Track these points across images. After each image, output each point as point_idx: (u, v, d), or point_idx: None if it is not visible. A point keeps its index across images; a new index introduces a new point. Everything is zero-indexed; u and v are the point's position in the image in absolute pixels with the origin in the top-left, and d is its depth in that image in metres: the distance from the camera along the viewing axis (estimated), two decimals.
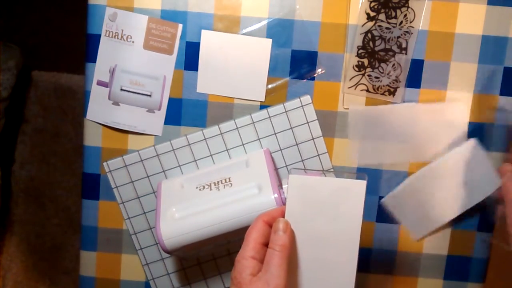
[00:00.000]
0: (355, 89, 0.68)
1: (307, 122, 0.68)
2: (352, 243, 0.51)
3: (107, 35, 0.68)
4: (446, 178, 0.67)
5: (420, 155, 0.69)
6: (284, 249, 0.48)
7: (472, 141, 0.67)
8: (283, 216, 0.51)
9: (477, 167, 0.67)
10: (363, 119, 0.68)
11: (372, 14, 0.67)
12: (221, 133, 0.69)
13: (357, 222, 0.52)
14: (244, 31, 0.68)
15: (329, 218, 0.52)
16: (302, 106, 0.68)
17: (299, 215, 0.52)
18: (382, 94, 0.68)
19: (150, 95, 0.69)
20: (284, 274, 0.47)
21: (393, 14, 0.67)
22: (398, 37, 0.67)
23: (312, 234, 0.52)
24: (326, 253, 0.52)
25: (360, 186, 0.51)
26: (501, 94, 0.68)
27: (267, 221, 0.51)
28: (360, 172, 0.53)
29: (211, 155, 0.69)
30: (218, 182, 0.64)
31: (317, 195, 0.52)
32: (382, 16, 0.67)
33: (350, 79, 0.68)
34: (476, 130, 0.69)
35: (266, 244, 0.50)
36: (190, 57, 0.69)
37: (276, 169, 0.69)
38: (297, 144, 0.69)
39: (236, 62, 0.68)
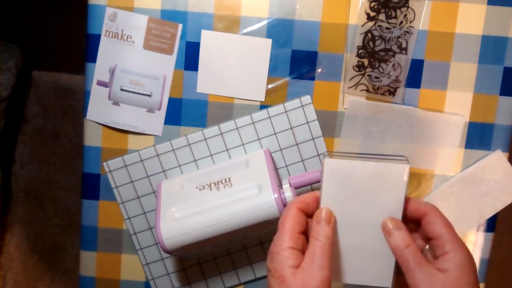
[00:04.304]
0: (355, 89, 0.68)
1: (307, 122, 0.68)
2: None
3: (107, 35, 0.68)
4: (472, 188, 0.68)
5: (416, 161, 0.69)
6: (329, 240, 0.47)
7: (498, 152, 0.68)
8: (316, 201, 0.49)
9: (501, 177, 0.68)
10: (363, 113, 0.68)
11: (372, 14, 0.67)
12: (221, 133, 0.69)
13: (399, 208, 0.49)
14: (244, 31, 0.68)
15: (367, 204, 0.49)
16: (302, 106, 0.68)
17: (335, 201, 0.50)
18: (382, 94, 0.68)
19: (150, 95, 0.69)
20: (329, 265, 0.46)
21: (393, 14, 0.67)
22: (398, 37, 0.67)
23: (349, 220, 0.50)
24: (364, 239, 0.50)
25: (401, 170, 0.49)
26: (501, 94, 0.68)
27: (301, 208, 0.49)
28: (401, 155, 0.51)
29: (211, 155, 0.69)
30: (218, 182, 0.64)
31: (354, 180, 0.49)
32: (382, 16, 0.67)
33: (350, 79, 0.68)
34: (476, 130, 0.69)
35: (302, 232, 0.48)
36: (190, 57, 0.69)
37: (276, 169, 0.69)
38: (297, 144, 0.69)
39: (236, 62, 0.68)
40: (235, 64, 0.68)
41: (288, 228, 0.47)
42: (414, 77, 0.68)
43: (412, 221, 0.50)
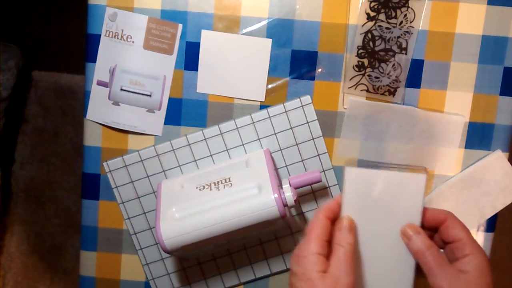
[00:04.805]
0: (355, 89, 0.68)
1: (307, 122, 0.68)
2: None
3: (107, 35, 0.68)
4: (472, 188, 0.68)
5: (416, 160, 0.69)
6: (351, 247, 0.50)
7: (498, 152, 0.68)
8: (339, 207, 0.52)
9: (501, 177, 0.68)
10: (363, 113, 0.68)
11: (372, 14, 0.67)
12: (221, 133, 0.69)
13: (417, 215, 0.51)
14: (244, 31, 0.68)
15: (386, 211, 0.52)
16: (302, 106, 0.68)
17: (356, 208, 0.52)
18: (382, 94, 0.68)
19: (150, 95, 0.69)
20: (353, 271, 0.48)
21: (393, 14, 0.67)
22: (398, 37, 0.67)
23: (368, 227, 0.52)
24: (383, 246, 0.52)
25: (419, 179, 0.51)
26: (501, 94, 0.68)
27: (328, 216, 0.52)
28: (420, 166, 0.54)
29: (211, 155, 0.69)
30: (218, 182, 0.64)
31: (374, 188, 0.52)
32: (382, 16, 0.67)
33: (350, 79, 0.68)
34: (476, 130, 0.69)
35: (328, 240, 0.51)
36: (190, 57, 0.69)
37: (276, 169, 0.69)
38: (297, 144, 0.69)
39: (236, 62, 0.68)
40: (235, 64, 0.68)
41: (315, 235, 0.51)
42: (414, 77, 0.68)
43: (429, 229, 0.52)
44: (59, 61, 1.51)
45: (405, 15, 0.67)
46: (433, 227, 0.52)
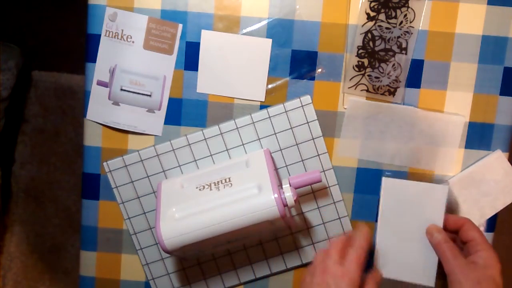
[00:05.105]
0: (355, 89, 0.68)
1: (307, 122, 0.68)
2: None
3: (107, 35, 0.68)
4: (472, 188, 0.68)
5: (416, 160, 0.69)
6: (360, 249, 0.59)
7: (498, 152, 0.68)
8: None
9: (501, 177, 0.68)
10: (363, 113, 0.68)
11: (372, 14, 0.67)
12: (221, 133, 0.69)
13: (440, 218, 0.63)
14: (244, 31, 0.68)
15: (415, 214, 0.64)
16: (302, 106, 0.68)
17: (391, 211, 0.65)
18: (382, 94, 0.68)
19: (150, 95, 0.69)
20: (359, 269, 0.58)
21: (393, 14, 0.67)
22: (398, 37, 0.67)
23: (400, 227, 0.65)
24: (411, 244, 0.64)
25: (443, 189, 0.63)
26: (501, 94, 0.68)
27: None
28: (443, 180, 0.68)
29: (211, 155, 0.69)
30: (218, 182, 0.64)
31: (405, 196, 0.65)
32: (382, 16, 0.67)
33: (350, 79, 0.68)
34: (476, 130, 0.69)
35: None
36: (190, 57, 0.69)
37: (276, 169, 0.69)
38: (297, 144, 0.69)
39: (236, 62, 0.68)
40: (235, 64, 0.68)
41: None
42: (414, 77, 0.68)
43: (451, 231, 0.63)
44: (59, 61, 1.51)
45: (405, 15, 0.67)
46: (455, 230, 0.63)
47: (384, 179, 0.66)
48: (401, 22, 0.67)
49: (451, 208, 0.69)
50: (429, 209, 0.64)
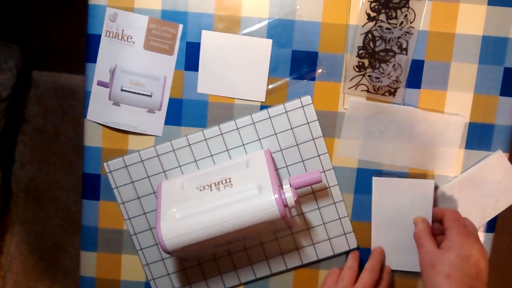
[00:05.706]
0: (355, 89, 0.68)
1: (308, 123, 0.68)
2: None
3: (107, 35, 0.68)
4: (473, 189, 0.68)
5: (416, 161, 0.69)
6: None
7: (499, 153, 0.68)
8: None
9: (502, 178, 0.68)
10: (363, 113, 0.68)
11: (373, 14, 0.67)
12: (222, 134, 0.69)
13: (428, 211, 0.67)
14: (245, 31, 0.68)
15: (406, 211, 0.68)
16: (302, 106, 0.68)
17: (383, 209, 0.69)
18: (383, 94, 0.68)
19: (150, 96, 0.69)
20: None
21: (394, 14, 0.67)
22: (399, 37, 0.67)
23: (394, 224, 0.69)
24: (401, 236, 0.68)
25: (430, 184, 0.67)
26: (501, 94, 0.68)
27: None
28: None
29: (211, 156, 0.69)
30: (218, 182, 0.64)
31: (395, 193, 0.68)
32: (382, 17, 0.67)
33: (351, 80, 0.68)
34: (477, 131, 0.69)
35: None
36: (191, 58, 0.69)
37: (276, 169, 0.69)
38: (297, 145, 0.69)
39: (236, 63, 0.68)
40: (236, 65, 0.68)
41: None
42: (414, 77, 0.68)
43: (438, 221, 0.67)
44: (59, 61, 1.51)
45: (406, 15, 0.67)
46: (440, 219, 0.66)
47: (374, 178, 0.68)
48: (402, 23, 0.67)
49: None
50: (418, 204, 0.67)
